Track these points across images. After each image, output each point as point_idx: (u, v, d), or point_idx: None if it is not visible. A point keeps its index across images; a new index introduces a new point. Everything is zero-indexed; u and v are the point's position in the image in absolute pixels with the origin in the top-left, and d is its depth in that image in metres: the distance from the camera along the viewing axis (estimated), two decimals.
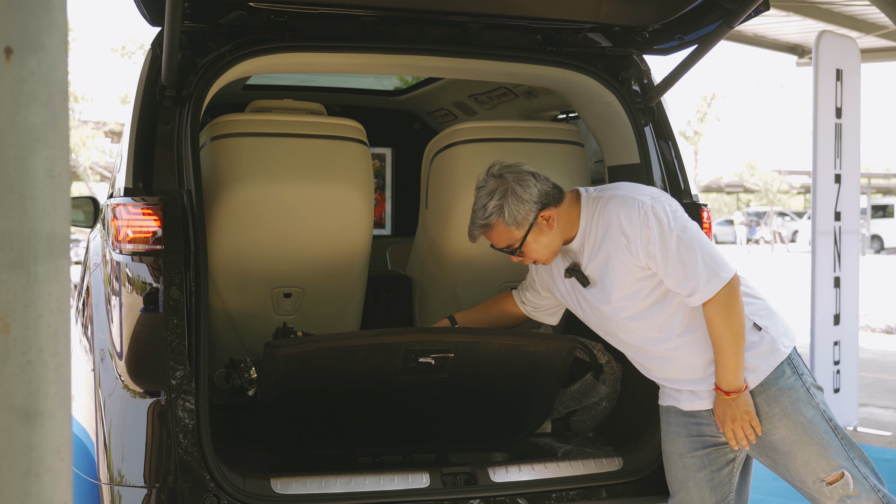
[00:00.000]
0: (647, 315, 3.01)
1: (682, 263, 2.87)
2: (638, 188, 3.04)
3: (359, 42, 3.50)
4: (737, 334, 2.89)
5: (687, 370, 3.04)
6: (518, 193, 2.98)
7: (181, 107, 3.20)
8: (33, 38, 1.28)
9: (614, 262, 2.97)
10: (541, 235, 3.02)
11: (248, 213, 3.48)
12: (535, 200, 2.99)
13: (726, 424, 2.96)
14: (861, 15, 10.96)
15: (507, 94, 4.78)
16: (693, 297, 2.89)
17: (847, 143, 7.14)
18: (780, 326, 3.03)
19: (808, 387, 2.98)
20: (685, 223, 2.92)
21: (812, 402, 2.96)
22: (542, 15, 3.54)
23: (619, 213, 2.94)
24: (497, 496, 3.21)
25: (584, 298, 3.13)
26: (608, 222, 2.97)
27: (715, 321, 2.89)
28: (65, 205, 1.32)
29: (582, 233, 3.06)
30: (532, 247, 3.04)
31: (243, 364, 3.29)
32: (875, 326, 13.78)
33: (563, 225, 3.06)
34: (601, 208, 3.01)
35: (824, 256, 6.99)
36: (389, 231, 5.80)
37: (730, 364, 2.91)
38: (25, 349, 1.28)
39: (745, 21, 3.35)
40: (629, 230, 2.92)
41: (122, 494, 2.88)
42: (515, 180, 3.00)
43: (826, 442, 2.93)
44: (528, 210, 2.98)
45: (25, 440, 1.29)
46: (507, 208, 2.97)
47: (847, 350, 7.20)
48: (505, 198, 2.98)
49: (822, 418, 2.95)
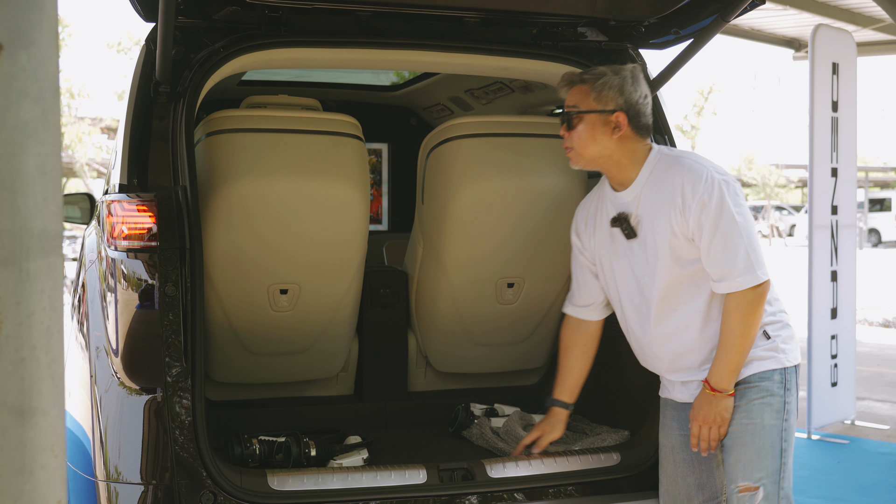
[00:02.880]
0: (674, 286, 2.97)
1: (725, 246, 2.83)
2: (710, 162, 2.98)
3: (354, 37, 3.49)
4: (747, 336, 2.86)
5: (684, 357, 3.01)
6: (624, 85, 2.96)
7: (176, 103, 3.19)
8: (23, 33, 1.27)
9: (663, 222, 2.92)
10: (599, 128, 2.97)
11: (244, 209, 3.47)
12: (626, 101, 2.96)
13: (697, 420, 2.92)
14: (857, 8, 10.97)
15: (503, 88, 4.77)
16: (722, 283, 2.86)
17: (843, 136, 7.13)
18: (790, 342, 2.99)
19: (786, 402, 2.92)
20: (743, 210, 2.88)
21: (779, 415, 2.91)
22: (538, 10, 3.54)
23: (684, 176, 2.89)
24: (494, 492, 3.21)
25: (619, 254, 3.07)
26: (671, 181, 2.92)
27: (732, 315, 2.86)
28: (57, 201, 1.31)
29: (639, 184, 2.99)
30: (584, 128, 2.98)
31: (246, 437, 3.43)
32: (872, 320, 13.81)
33: (621, 151, 2.99)
34: (667, 167, 2.96)
35: (821, 250, 7.00)
36: (386, 227, 5.79)
37: (728, 362, 2.87)
38: (18, 346, 1.28)
39: (740, 15, 3.35)
40: (689, 195, 2.87)
41: (119, 491, 2.88)
42: (634, 81, 2.98)
43: (765, 453, 2.87)
44: (614, 99, 2.95)
45: (19, 438, 1.29)
46: (605, 80, 2.96)
47: (844, 344, 7.21)
48: (613, 75, 2.97)
49: (778, 433, 2.90)
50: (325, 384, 4.19)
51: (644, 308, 3.06)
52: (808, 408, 6.91)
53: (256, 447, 3.42)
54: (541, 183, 3.78)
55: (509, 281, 3.95)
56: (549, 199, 3.79)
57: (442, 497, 3.15)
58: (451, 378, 4.36)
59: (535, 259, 3.89)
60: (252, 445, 3.42)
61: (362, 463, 3.49)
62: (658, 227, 2.93)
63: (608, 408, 3.95)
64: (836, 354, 7.11)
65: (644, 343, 3.13)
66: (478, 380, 4.39)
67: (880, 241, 37.22)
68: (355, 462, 3.48)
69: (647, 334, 3.09)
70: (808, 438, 6.87)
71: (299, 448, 3.41)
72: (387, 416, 4.22)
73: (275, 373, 4.01)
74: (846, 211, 7.19)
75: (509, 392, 4.37)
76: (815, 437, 6.89)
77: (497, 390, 4.38)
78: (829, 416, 7.12)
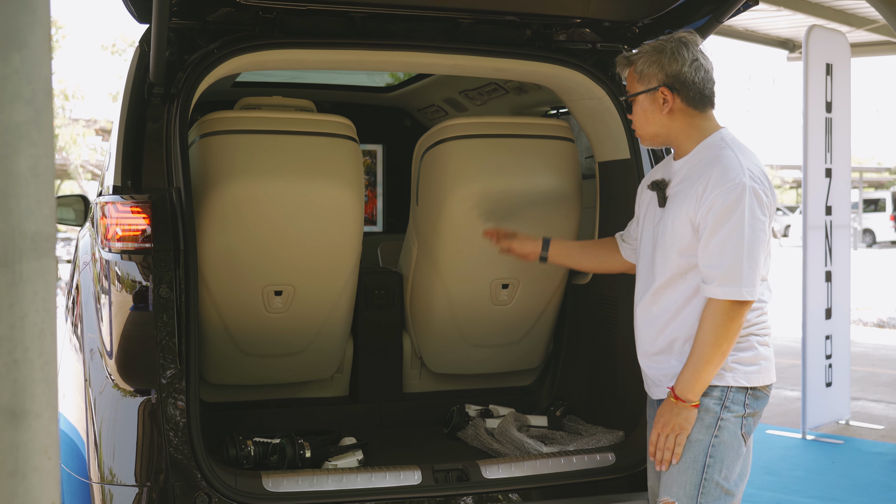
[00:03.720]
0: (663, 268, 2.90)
1: (722, 248, 2.74)
2: (755, 164, 2.85)
3: (348, 38, 3.49)
4: (717, 348, 2.74)
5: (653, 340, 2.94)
6: (663, 59, 2.88)
7: (170, 104, 3.19)
8: (16, 35, 1.27)
9: (683, 202, 2.85)
10: (649, 107, 2.92)
11: (238, 211, 3.47)
12: (667, 75, 2.87)
13: (657, 427, 2.82)
14: (851, 9, 10.99)
15: (497, 90, 4.78)
16: (707, 286, 2.77)
17: (837, 137, 7.15)
18: (749, 364, 2.84)
19: (720, 418, 2.80)
20: (757, 224, 2.76)
21: (709, 431, 2.79)
22: (532, 10, 3.54)
23: (718, 166, 2.80)
24: (489, 492, 3.21)
25: (650, 218, 3.01)
26: (707, 167, 2.83)
27: (706, 322, 2.76)
28: (49, 203, 1.31)
29: (689, 159, 2.92)
30: (638, 110, 2.95)
31: (241, 438, 3.44)
32: (867, 320, 13.83)
33: (678, 125, 2.92)
34: (715, 152, 2.86)
35: (816, 251, 7.00)
36: (380, 228, 5.79)
37: (695, 371, 2.76)
38: (11, 349, 1.28)
39: (734, 15, 3.36)
40: (712, 185, 2.77)
41: (113, 493, 2.87)
42: (674, 49, 2.88)
43: (685, 468, 2.79)
44: (655, 76, 2.89)
45: (12, 440, 1.28)
46: (645, 59, 2.90)
47: (839, 344, 7.22)
48: (652, 52, 2.90)
49: (703, 449, 2.79)
50: (319, 385, 4.19)
51: (653, 282, 2.96)
52: (803, 408, 6.92)
53: (251, 449, 3.42)
54: (535, 183, 3.78)
55: (504, 282, 3.95)
56: (543, 200, 3.79)
57: (437, 498, 3.15)
58: (445, 379, 4.36)
59: None
60: (247, 447, 3.42)
61: (357, 464, 3.49)
62: (681, 204, 2.86)
63: (603, 408, 3.95)
64: (830, 355, 7.12)
65: (641, 324, 3.04)
66: (472, 381, 4.39)
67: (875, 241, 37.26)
68: (350, 463, 3.47)
69: (648, 313, 2.99)
70: (803, 438, 6.88)
71: (294, 449, 3.41)
72: (381, 417, 4.22)
73: (269, 374, 4.01)
74: (840, 211, 7.20)
75: (504, 393, 4.38)
76: (809, 437, 6.90)
77: (492, 391, 4.38)
78: (823, 416, 7.13)
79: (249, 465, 3.40)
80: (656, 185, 2.97)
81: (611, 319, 3.89)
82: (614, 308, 3.84)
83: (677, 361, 2.88)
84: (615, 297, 3.80)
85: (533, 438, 3.70)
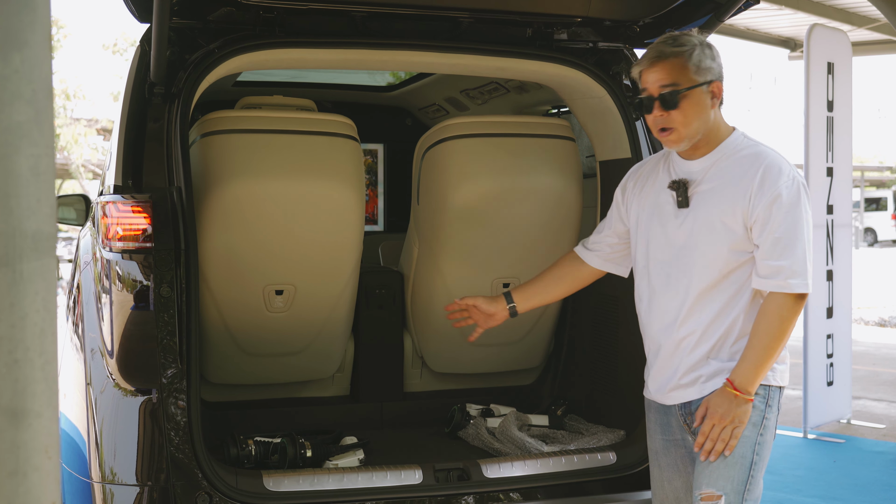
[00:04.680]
0: (706, 268, 2.83)
1: (788, 244, 2.72)
2: (788, 161, 2.85)
3: (349, 38, 3.49)
4: (779, 341, 2.74)
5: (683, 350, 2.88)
6: (713, 51, 2.86)
7: (171, 104, 3.19)
8: (16, 35, 1.27)
9: (727, 200, 2.79)
10: (704, 101, 2.83)
11: (239, 210, 3.47)
12: (718, 69, 2.86)
13: (714, 418, 2.76)
14: (852, 8, 10.98)
15: (498, 89, 4.77)
16: (771, 280, 2.73)
17: (839, 136, 7.14)
18: (781, 364, 2.89)
19: (765, 417, 2.83)
20: (810, 220, 2.77)
21: (755, 428, 2.81)
22: (533, 10, 3.54)
23: (767, 163, 2.78)
24: (490, 492, 3.21)
25: (661, 220, 2.93)
26: (751, 164, 2.80)
27: (772, 316, 2.73)
28: (50, 203, 1.31)
29: (712, 158, 2.87)
30: (689, 105, 2.81)
31: (242, 437, 3.44)
32: (868, 319, 13.83)
33: (715, 121, 2.88)
34: (751, 149, 2.84)
35: (817, 250, 7.00)
36: (382, 227, 5.79)
37: (758, 365, 2.74)
38: (11, 348, 1.27)
39: (735, 14, 3.36)
40: (768, 182, 2.74)
41: (115, 493, 2.87)
42: (713, 46, 2.88)
43: (733, 462, 2.78)
44: (711, 70, 2.84)
45: (13, 440, 1.28)
46: (700, 51, 2.82)
47: (840, 343, 7.22)
48: (703, 46, 2.84)
49: (751, 446, 2.80)
50: (320, 385, 4.19)
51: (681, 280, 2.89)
52: (804, 407, 6.92)
53: (252, 448, 3.42)
54: (536, 183, 3.78)
55: (505, 281, 3.95)
56: (544, 199, 3.79)
57: (438, 497, 3.15)
58: (446, 378, 4.36)
59: (531, 259, 3.89)
60: (248, 446, 3.42)
61: (358, 463, 3.49)
62: (719, 203, 2.80)
63: (604, 407, 3.95)
64: (831, 354, 7.12)
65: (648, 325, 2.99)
66: (473, 380, 4.39)
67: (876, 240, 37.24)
68: (351, 463, 3.48)
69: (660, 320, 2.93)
70: (805, 438, 6.88)
71: (295, 449, 3.41)
72: (383, 416, 4.22)
73: (270, 373, 4.01)
74: (842, 210, 7.19)
75: (505, 392, 4.38)
76: (811, 436, 6.90)
77: (493, 390, 4.38)
78: (825, 415, 7.13)
79: (250, 464, 3.40)
80: (677, 184, 2.89)
81: (612, 318, 3.89)
82: (615, 307, 3.83)
83: (721, 362, 2.84)
84: (616, 295, 3.80)
85: (534, 438, 3.70)
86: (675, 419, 2.94)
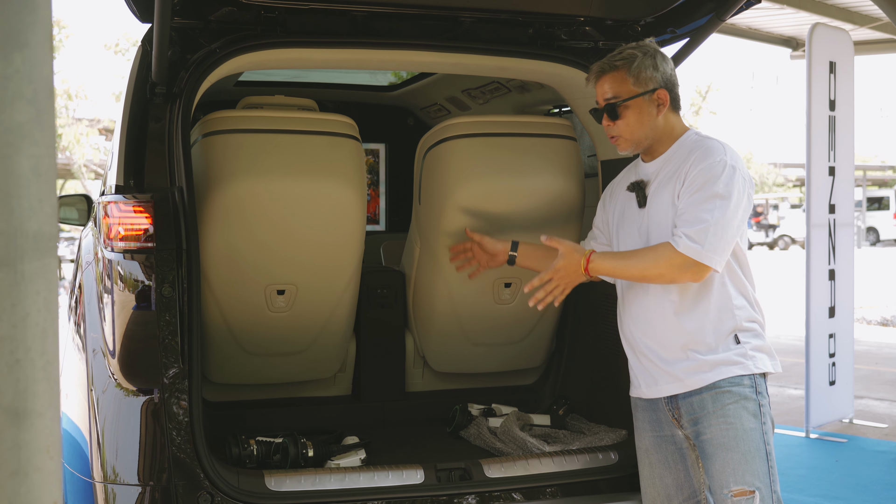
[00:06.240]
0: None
1: (698, 209, 2.81)
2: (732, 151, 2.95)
3: (350, 38, 3.49)
4: (636, 270, 2.89)
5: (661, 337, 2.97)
6: (655, 61, 2.96)
7: (172, 103, 3.19)
8: (17, 35, 1.27)
9: (665, 193, 2.93)
10: (645, 110, 2.96)
11: (241, 210, 3.47)
12: (663, 78, 2.96)
13: (552, 272, 2.98)
14: (855, 7, 10.97)
15: (499, 88, 4.77)
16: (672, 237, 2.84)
17: (841, 135, 7.14)
18: (759, 352, 2.93)
19: (760, 405, 2.88)
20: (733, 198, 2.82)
21: (757, 419, 2.87)
22: (534, 9, 3.54)
23: (699, 150, 2.90)
24: (492, 492, 3.21)
25: (630, 221, 3.07)
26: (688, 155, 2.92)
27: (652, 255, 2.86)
28: (51, 203, 1.31)
29: (665, 158, 3.00)
30: (631, 114, 2.96)
31: (243, 437, 3.45)
32: (870, 318, 13.82)
33: (664, 126, 2.99)
34: (692, 144, 2.96)
35: (819, 249, 7.00)
36: (383, 227, 5.79)
37: (613, 263, 2.94)
38: (13, 348, 1.27)
39: (736, 13, 3.36)
40: (695, 164, 2.87)
41: (116, 492, 2.87)
42: (660, 54, 2.98)
43: (752, 456, 2.83)
44: (653, 78, 2.94)
45: (14, 440, 1.28)
46: (639, 62, 2.94)
47: (842, 342, 7.21)
48: (647, 56, 2.95)
49: (760, 437, 2.86)
50: (322, 384, 4.19)
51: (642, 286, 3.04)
52: (807, 406, 6.91)
53: (254, 448, 3.42)
54: (537, 182, 3.78)
55: (506, 280, 3.95)
56: (546, 199, 3.79)
57: (440, 497, 3.15)
58: (448, 378, 4.36)
59: None
60: (249, 446, 3.42)
61: (360, 463, 3.49)
62: (665, 195, 2.93)
63: (606, 407, 3.95)
64: (834, 353, 7.12)
65: (628, 318, 3.12)
66: (475, 380, 4.39)
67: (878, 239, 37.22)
68: (353, 462, 3.48)
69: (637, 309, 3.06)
70: (807, 437, 6.87)
71: (297, 449, 3.41)
72: (384, 416, 4.22)
73: (272, 373, 4.01)
74: (844, 210, 7.19)
75: (507, 392, 4.38)
76: (813, 435, 6.89)
77: (494, 390, 4.38)
78: (827, 414, 7.12)
79: (252, 464, 3.40)
80: (635, 186, 3.04)
81: (613, 318, 3.88)
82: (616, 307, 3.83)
83: (701, 355, 2.92)
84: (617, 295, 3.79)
85: (536, 437, 3.70)
86: (663, 414, 3.01)
